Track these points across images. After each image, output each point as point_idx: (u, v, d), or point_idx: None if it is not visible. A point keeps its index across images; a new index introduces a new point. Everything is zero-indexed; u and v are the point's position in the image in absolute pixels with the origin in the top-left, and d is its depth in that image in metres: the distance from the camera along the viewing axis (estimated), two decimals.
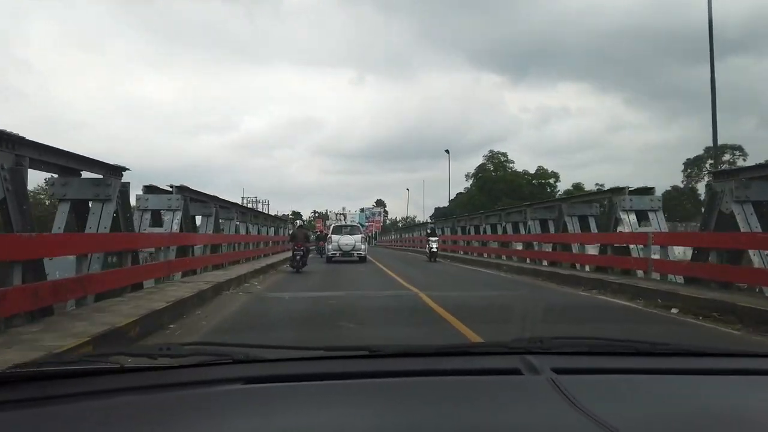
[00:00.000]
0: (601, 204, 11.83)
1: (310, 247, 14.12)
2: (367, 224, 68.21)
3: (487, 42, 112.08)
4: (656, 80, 78.29)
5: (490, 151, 59.59)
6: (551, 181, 56.07)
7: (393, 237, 45.28)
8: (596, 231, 11.12)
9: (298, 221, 15.64)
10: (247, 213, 17.12)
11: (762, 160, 7.13)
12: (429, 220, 52.85)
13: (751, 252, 6.73)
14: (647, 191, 9.46)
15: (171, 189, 9.19)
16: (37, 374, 0.96)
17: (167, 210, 8.85)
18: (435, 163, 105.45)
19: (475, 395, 0.95)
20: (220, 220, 13.11)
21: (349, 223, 29.69)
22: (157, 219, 8.92)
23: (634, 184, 9.82)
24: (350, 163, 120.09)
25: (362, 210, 72.24)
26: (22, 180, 4.72)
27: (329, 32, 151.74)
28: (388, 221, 72.13)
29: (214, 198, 11.86)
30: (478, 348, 1.32)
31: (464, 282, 9.74)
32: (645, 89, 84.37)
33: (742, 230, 6.78)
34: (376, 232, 63.55)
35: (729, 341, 4.43)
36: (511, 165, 57.81)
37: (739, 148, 51.59)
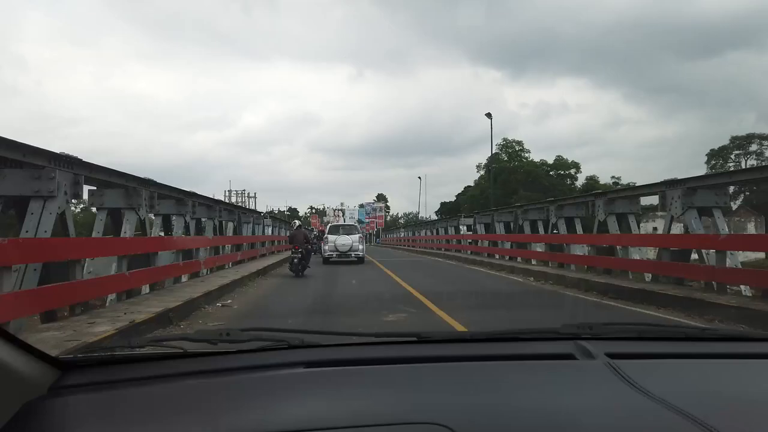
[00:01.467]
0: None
1: (311, 249, 13.89)
2: (367, 221, 67.24)
3: (487, 36, 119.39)
4: (654, 75, 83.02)
5: (504, 140, 57.43)
6: (572, 171, 54.42)
7: (402, 235, 41.15)
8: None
9: (296, 221, 14.98)
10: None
11: None
12: (438, 216, 52.42)
13: None
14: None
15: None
16: (105, 359, 1.06)
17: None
18: (434, 160, 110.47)
19: (531, 379, 1.00)
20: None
21: (347, 220, 30.17)
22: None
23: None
24: (348, 159, 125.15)
25: (362, 206, 71.04)
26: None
27: (328, 27, 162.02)
28: (388, 218, 71.15)
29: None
30: (530, 333, 1.30)
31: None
32: (643, 84, 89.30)
33: None
34: (378, 229, 62.20)
35: None
36: (526, 155, 56.27)
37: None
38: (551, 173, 54.07)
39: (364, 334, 1.26)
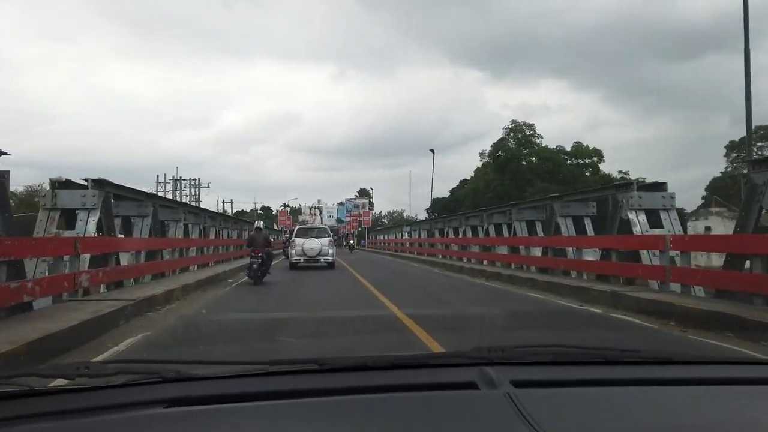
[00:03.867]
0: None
1: (273, 252, 14.38)
2: (347, 219, 68.04)
3: (470, 37, 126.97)
4: (633, 78, 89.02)
5: (513, 122, 54.79)
6: (594, 160, 51.73)
7: (407, 234, 33.93)
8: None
9: (258, 222, 15.60)
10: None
11: None
12: (429, 214, 52.87)
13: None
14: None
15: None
16: None
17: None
18: (417, 160, 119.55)
19: (428, 413, 1.02)
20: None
21: (325, 219, 31.24)
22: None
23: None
24: (330, 159, 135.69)
25: (341, 203, 71.54)
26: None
27: (310, 26, 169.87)
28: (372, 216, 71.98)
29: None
30: (436, 359, 1.42)
31: None
32: (622, 87, 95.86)
33: None
34: (365, 229, 60.92)
35: None
36: (538, 141, 53.45)
37: None
38: (569, 162, 52.09)
39: (254, 363, 1.24)
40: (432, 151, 34.83)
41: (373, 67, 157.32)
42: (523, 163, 52.35)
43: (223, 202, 59.40)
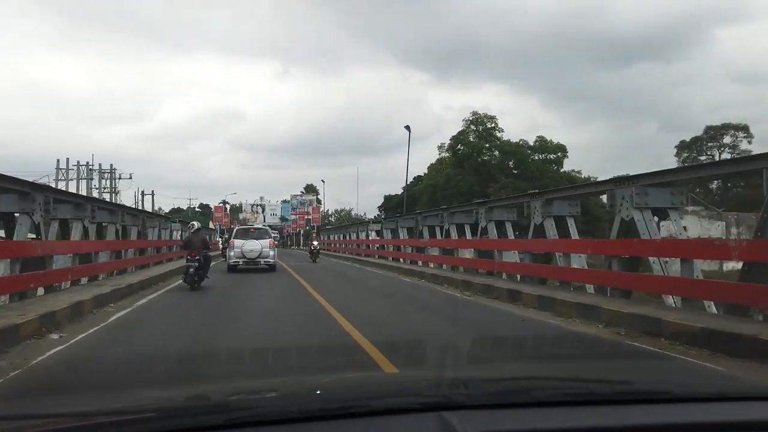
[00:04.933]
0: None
1: (211, 254, 14.20)
2: (293, 217, 65.75)
3: (415, 39, 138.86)
4: (569, 83, 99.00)
5: (473, 113, 53.80)
6: (557, 155, 51.29)
7: (374, 233, 29.24)
8: None
9: (194, 223, 14.92)
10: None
11: None
12: (380, 213, 51.86)
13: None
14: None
15: None
16: None
17: None
18: (362, 159, 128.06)
19: None
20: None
21: (267, 218, 29.96)
22: None
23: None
24: (274, 157, 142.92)
25: (286, 201, 69.09)
26: None
27: (253, 21, 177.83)
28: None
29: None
30: (385, 401, 1.25)
31: None
32: (559, 92, 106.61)
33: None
34: (315, 227, 58.54)
35: None
36: (500, 134, 52.87)
37: (744, 128, 55.18)
38: (534, 158, 51.55)
39: (129, 411, 1.10)
40: (407, 128, 32.95)
41: (318, 66, 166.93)
42: (485, 158, 51.83)
43: (143, 194, 54.11)
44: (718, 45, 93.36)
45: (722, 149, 56.32)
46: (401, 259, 21.40)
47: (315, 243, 27.39)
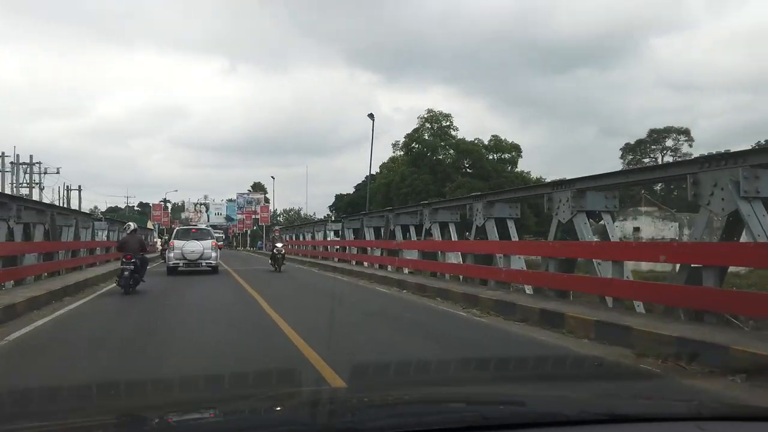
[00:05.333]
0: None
1: (147, 257, 13.98)
2: (239, 217, 64.56)
3: (364, 39, 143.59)
4: (514, 88, 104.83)
5: (429, 111, 54.01)
6: (512, 155, 52.37)
7: (332, 234, 28.02)
8: None
9: (130, 223, 14.38)
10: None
11: None
12: (331, 213, 51.29)
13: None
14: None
15: None
16: None
17: None
18: (311, 159, 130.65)
19: None
20: None
21: (212, 218, 28.86)
22: None
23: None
24: (219, 156, 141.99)
25: (231, 200, 67.71)
26: None
27: (199, 16, 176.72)
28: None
29: None
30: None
31: None
32: (505, 96, 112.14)
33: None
34: (262, 227, 57.44)
35: None
36: (455, 132, 53.35)
37: (686, 132, 58.35)
38: (490, 157, 52.46)
39: None
40: (371, 116, 32.20)
41: (267, 63, 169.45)
42: (440, 156, 52.38)
43: (68, 190, 51.11)
44: (653, 53, 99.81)
45: (665, 152, 59.32)
46: (365, 263, 20.13)
47: (279, 245, 20.79)
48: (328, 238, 28.02)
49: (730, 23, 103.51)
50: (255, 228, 61.01)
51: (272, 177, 66.51)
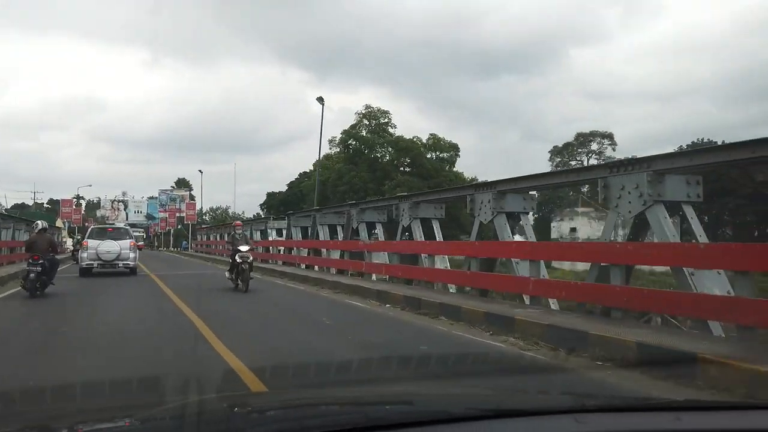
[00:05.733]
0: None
1: (57, 258, 13.39)
2: (161, 215, 62.19)
3: (296, 36, 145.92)
4: (443, 91, 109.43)
5: (366, 107, 53.57)
6: (450, 154, 52.94)
7: (273, 233, 25.87)
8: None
9: (39, 222, 13.52)
10: None
11: None
12: (264, 211, 50.10)
13: None
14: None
15: None
16: None
17: None
18: (238, 156, 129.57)
19: None
20: None
21: (131, 215, 27.53)
22: None
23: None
24: (140, 151, 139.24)
25: (153, 197, 65.10)
26: None
27: (120, 5, 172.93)
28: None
29: None
30: None
31: None
32: (434, 99, 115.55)
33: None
34: (189, 226, 54.92)
35: None
36: (393, 130, 53.29)
37: (609, 136, 62.07)
38: (429, 156, 52.85)
39: None
40: (320, 100, 30.73)
41: (192, 57, 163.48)
42: (379, 154, 52.62)
43: None
44: (572, 63, 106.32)
45: (590, 155, 62.72)
46: (315, 266, 18.51)
47: (244, 248, 13.10)
48: (270, 238, 25.85)
49: (641, 38, 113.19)
50: (180, 227, 58.94)
51: (200, 171, 64.97)
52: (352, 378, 4.97)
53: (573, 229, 46.98)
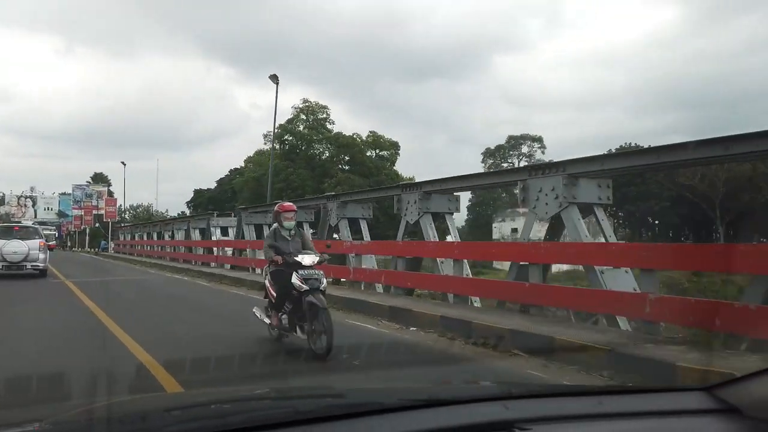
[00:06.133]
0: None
1: None
2: (75, 212, 58.83)
3: (222, 31, 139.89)
4: (373, 93, 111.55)
5: (304, 101, 52.79)
6: (390, 152, 53.01)
7: (216, 232, 22.55)
8: None
9: None
10: None
11: None
12: (190, 209, 47.93)
13: None
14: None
15: None
16: None
17: None
18: (161, 153, 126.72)
19: None
20: None
21: (40, 213, 25.79)
22: None
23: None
24: (51, 145, 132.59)
25: (65, 194, 61.51)
26: None
27: None
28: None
29: None
30: None
31: None
32: (363, 100, 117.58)
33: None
34: (108, 224, 50.68)
35: None
36: (332, 126, 52.71)
37: (539, 140, 64.88)
38: (369, 153, 52.87)
39: None
40: (274, 78, 28.92)
41: (111, 48, 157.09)
42: (317, 151, 52.08)
43: None
44: (496, 70, 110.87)
45: (521, 157, 65.24)
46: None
47: (308, 259, 6.30)
48: (215, 238, 22.31)
49: (560, 48, 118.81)
50: (97, 225, 56.03)
51: (123, 163, 60.47)
52: (277, 370, 5.15)
53: (514, 230, 48.09)
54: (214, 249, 22.03)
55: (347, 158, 51.59)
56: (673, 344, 5.71)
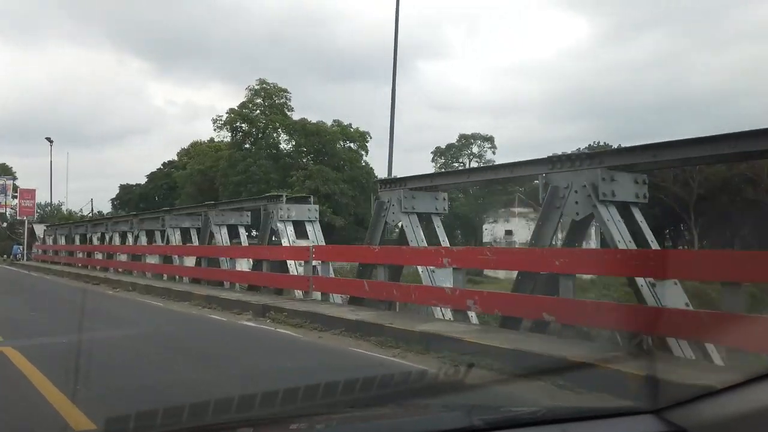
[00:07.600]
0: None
1: None
2: None
3: (136, 23, 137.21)
4: (299, 92, 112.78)
5: (261, 82, 48.67)
6: (357, 145, 49.62)
7: (131, 236, 21.09)
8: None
9: None
10: None
11: None
12: (115, 208, 45.07)
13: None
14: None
15: None
16: None
17: None
18: (68, 147, 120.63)
19: None
20: None
21: None
22: None
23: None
24: None
25: None
26: None
27: None
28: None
29: None
30: None
31: None
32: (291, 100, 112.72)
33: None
34: (23, 223, 44.49)
35: None
36: (291, 114, 49.04)
37: (490, 139, 65.35)
38: (339, 144, 49.17)
39: None
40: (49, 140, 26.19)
41: (10, 34, 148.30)
42: (278, 139, 49.05)
43: None
44: (420, 75, 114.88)
45: (471, 157, 65.82)
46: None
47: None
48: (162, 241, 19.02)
49: (480, 57, 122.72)
50: (4, 225, 51.56)
51: (48, 139, 46.73)
52: None
53: (509, 232, 45.46)
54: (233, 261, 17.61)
55: (315, 148, 47.50)
56: None
